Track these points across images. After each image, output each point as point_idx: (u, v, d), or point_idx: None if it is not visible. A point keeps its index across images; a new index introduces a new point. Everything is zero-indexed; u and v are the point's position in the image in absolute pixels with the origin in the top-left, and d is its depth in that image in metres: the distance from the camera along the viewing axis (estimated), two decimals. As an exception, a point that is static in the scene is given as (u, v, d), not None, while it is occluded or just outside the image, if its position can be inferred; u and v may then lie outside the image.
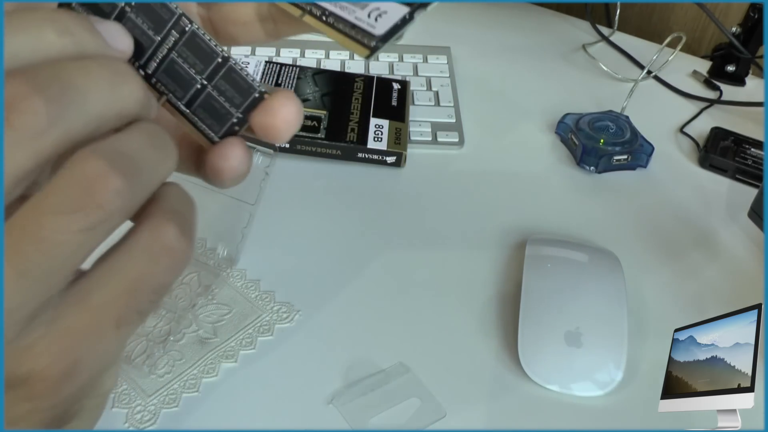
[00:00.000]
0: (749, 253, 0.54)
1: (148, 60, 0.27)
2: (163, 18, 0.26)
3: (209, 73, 0.27)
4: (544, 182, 0.59)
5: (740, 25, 0.73)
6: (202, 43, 0.27)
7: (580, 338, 0.43)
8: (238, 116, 0.27)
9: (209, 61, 0.27)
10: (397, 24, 0.28)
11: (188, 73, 0.27)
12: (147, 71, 0.27)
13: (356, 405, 0.41)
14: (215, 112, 0.28)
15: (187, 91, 0.27)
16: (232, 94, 0.27)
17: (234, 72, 0.27)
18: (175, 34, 0.27)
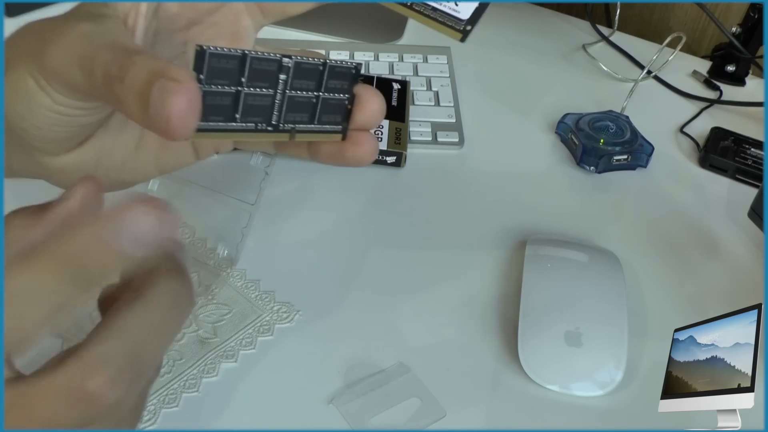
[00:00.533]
0: (749, 253, 0.54)
1: (270, 114, 0.30)
2: (270, 71, 0.28)
3: (317, 82, 0.30)
4: (544, 182, 0.59)
5: (740, 25, 0.73)
6: (305, 64, 0.29)
7: (580, 338, 0.43)
8: (348, 97, 0.31)
9: (314, 73, 0.30)
10: (479, 7, 0.31)
11: (305, 96, 0.30)
12: (272, 125, 0.30)
13: (356, 405, 0.41)
14: (333, 107, 0.31)
15: (308, 110, 0.31)
16: (338, 85, 0.31)
17: (332, 67, 0.30)
18: (283, 76, 0.29)
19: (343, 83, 0.31)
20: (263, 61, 0.28)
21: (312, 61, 0.29)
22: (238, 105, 0.28)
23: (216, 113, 0.28)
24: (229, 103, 0.28)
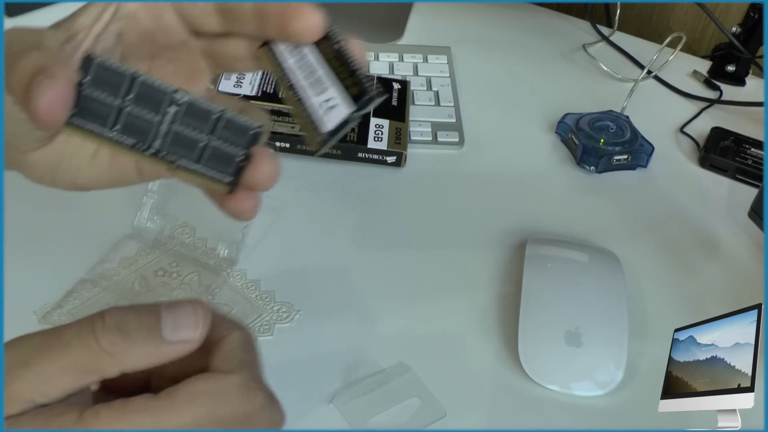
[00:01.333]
0: (749, 253, 0.54)
1: (152, 141, 0.31)
2: (158, 98, 0.30)
3: (211, 129, 0.31)
4: (544, 182, 0.59)
5: (740, 25, 0.73)
6: (199, 107, 0.31)
7: (580, 338, 0.43)
8: (243, 154, 0.32)
9: (207, 118, 0.31)
10: (343, 121, 0.31)
11: (192, 134, 0.31)
12: (152, 151, 0.31)
13: (356, 405, 0.41)
14: (221, 158, 0.32)
15: (194, 150, 0.31)
16: (234, 138, 0.31)
17: (230, 120, 0.31)
18: (173, 108, 0.31)
19: (239, 138, 0.32)
20: (152, 88, 0.30)
21: (207, 106, 0.31)
22: (118, 118, 0.30)
23: (94, 118, 0.30)
24: (109, 112, 0.30)
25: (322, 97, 0.32)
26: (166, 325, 0.29)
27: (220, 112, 0.31)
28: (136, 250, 0.49)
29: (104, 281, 0.47)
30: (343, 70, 0.32)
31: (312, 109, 0.32)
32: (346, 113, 0.32)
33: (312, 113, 0.32)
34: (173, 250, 0.49)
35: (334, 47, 0.32)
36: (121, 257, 0.48)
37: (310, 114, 0.32)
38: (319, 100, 0.32)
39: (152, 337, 0.29)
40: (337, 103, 0.32)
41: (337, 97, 0.32)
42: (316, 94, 0.32)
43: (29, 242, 0.49)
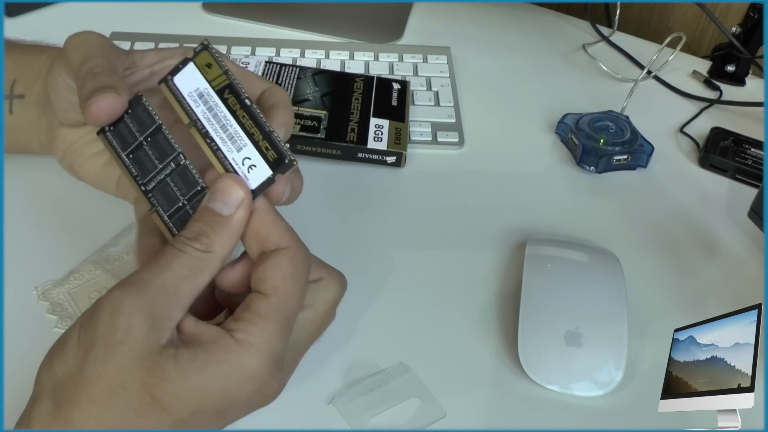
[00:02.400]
0: (749, 253, 0.54)
1: (149, 180, 0.37)
2: (166, 152, 0.36)
3: (190, 196, 0.36)
4: (544, 182, 0.59)
5: (740, 25, 0.73)
6: (190, 175, 0.36)
7: (580, 338, 0.43)
8: None
9: (191, 187, 0.36)
10: (265, 182, 0.35)
11: (175, 193, 0.36)
12: (145, 189, 0.37)
13: (356, 405, 0.41)
14: (185, 221, 0.35)
15: (171, 206, 0.36)
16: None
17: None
18: (172, 165, 0.36)
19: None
20: (166, 141, 0.36)
21: (195, 177, 0.36)
22: (135, 149, 0.37)
23: (120, 139, 0.38)
24: (132, 142, 0.37)
25: (241, 154, 0.35)
26: (219, 209, 0.34)
27: (202, 187, 0.36)
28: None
29: (107, 264, 0.47)
30: (256, 131, 0.35)
31: (235, 165, 0.35)
32: (267, 174, 0.35)
33: (235, 169, 0.35)
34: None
35: (244, 103, 0.34)
36: (127, 243, 0.49)
37: (234, 169, 0.35)
38: (239, 157, 0.35)
39: (221, 222, 0.34)
40: (256, 163, 0.35)
41: (256, 157, 0.35)
42: (234, 149, 0.35)
43: (39, 221, 0.50)
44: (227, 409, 0.32)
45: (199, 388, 0.31)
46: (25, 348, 0.36)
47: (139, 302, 0.31)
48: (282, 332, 0.33)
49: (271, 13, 0.76)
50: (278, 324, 0.33)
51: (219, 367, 0.31)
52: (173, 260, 0.33)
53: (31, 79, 0.46)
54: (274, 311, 0.33)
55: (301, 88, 0.62)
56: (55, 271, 0.46)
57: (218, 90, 0.35)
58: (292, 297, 0.34)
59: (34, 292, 0.45)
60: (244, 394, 0.32)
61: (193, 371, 0.31)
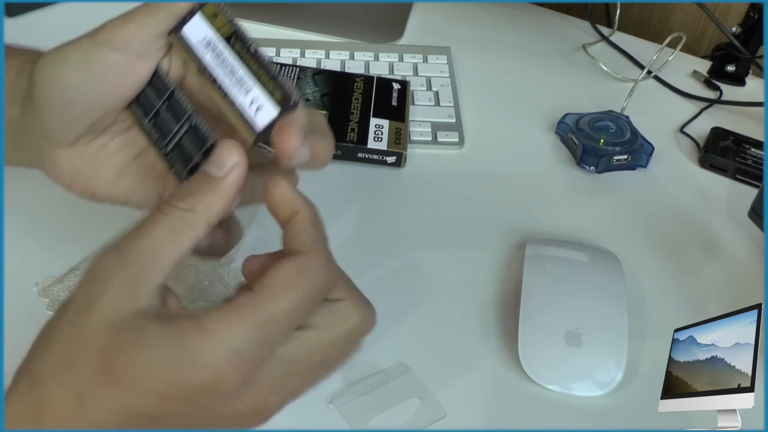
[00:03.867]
0: (749, 253, 0.54)
1: (168, 143, 0.38)
2: (180, 114, 0.38)
3: (204, 152, 0.37)
4: (544, 182, 0.59)
5: (740, 25, 0.73)
6: (200, 132, 0.37)
7: (580, 338, 0.43)
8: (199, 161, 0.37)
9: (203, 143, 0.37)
10: (272, 122, 0.35)
11: (189, 151, 0.37)
12: (166, 151, 0.38)
13: (356, 405, 0.41)
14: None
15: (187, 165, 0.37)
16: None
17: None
18: (187, 125, 0.38)
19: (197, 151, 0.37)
20: (179, 104, 0.38)
21: (205, 133, 0.37)
22: (154, 114, 0.39)
23: (142, 108, 0.39)
24: (149, 108, 0.39)
25: (248, 97, 0.36)
26: (212, 170, 0.33)
27: (212, 143, 0.36)
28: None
29: None
30: (262, 74, 0.36)
31: (241, 108, 0.36)
32: (273, 115, 0.35)
33: (242, 112, 0.36)
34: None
35: (250, 49, 0.36)
36: None
37: (241, 112, 0.36)
38: (247, 100, 0.36)
39: (210, 182, 0.33)
40: (262, 104, 0.35)
41: (262, 99, 0.35)
42: (242, 93, 0.36)
43: (40, 217, 0.50)
44: (177, 396, 0.29)
45: (149, 363, 0.29)
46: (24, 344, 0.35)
47: (115, 267, 0.30)
48: (253, 332, 0.30)
49: (271, 13, 0.76)
50: (250, 321, 0.30)
51: (172, 346, 0.29)
52: (155, 223, 0.31)
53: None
54: (251, 307, 0.30)
55: (301, 88, 0.62)
56: (55, 268, 0.46)
57: (225, 37, 0.37)
58: (281, 302, 0.31)
59: (35, 289, 0.45)
60: (193, 383, 0.29)
61: (148, 345, 0.29)
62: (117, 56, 0.37)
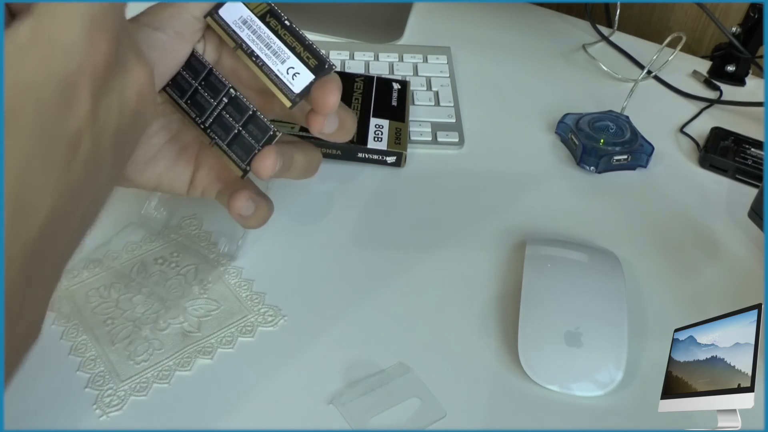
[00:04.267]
0: (749, 253, 0.54)
1: (207, 117, 0.42)
2: (218, 89, 0.41)
3: (244, 122, 0.41)
4: (544, 182, 0.59)
5: (740, 25, 0.73)
6: (241, 103, 0.41)
7: (580, 338, 0.43)
8: (259, 148, 0.41)
9: (244, 113, 0.41)
10: (308, 85, 0.40)
11: (230, 122, 0.41)
12: (205, 124, 0.42)
13: (356, 405, 0.41)
14: (244, 147, 0.41)
15: (228, 135, 0.41)
16: (256, 134, 0.41)
17: (258, 119, 0.41)
18: (225, 99, 0.41)
19: (259, 134, 0.41)
20: (218, 79, 0.41)
21: (246, 103, 0.41)
22: (192, 94, 0.41)
23: (178, 88, 0.42)
24: (187, 88, 0.41)
25: (285, 65, 0.40)
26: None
27: (253, 111, 0.41)
28: (142, 236, 0.49)
29: (106, 262, 0.47)
30: (297, 45, 0.40)
31: (280, 75, 0.40)
32: (311, 79, 0.40)
33: (280, 78, 0.40)
34: (177, 241, 0.49)
35: (284, 24, 0.40)
36: (126, 241, 0.49)
37: (279, 78, 0.40)
38: (284, 68, 0.40)
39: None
40: (299, 71, 0.40)
41: (299, 66, 0.40)
42: (279, 62, 0.40)
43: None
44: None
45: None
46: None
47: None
48: (86, 25, 0.28)
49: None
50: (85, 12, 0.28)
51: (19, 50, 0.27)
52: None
53: None
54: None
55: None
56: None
57: (260, 16, 0.40)
58: None
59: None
60: (63, 80, 0.27)
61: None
62: (159, 35, 0.39)
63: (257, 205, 0.43)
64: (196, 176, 0.44)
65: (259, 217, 0.43)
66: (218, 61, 0.42)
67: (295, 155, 0.42)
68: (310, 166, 0.45)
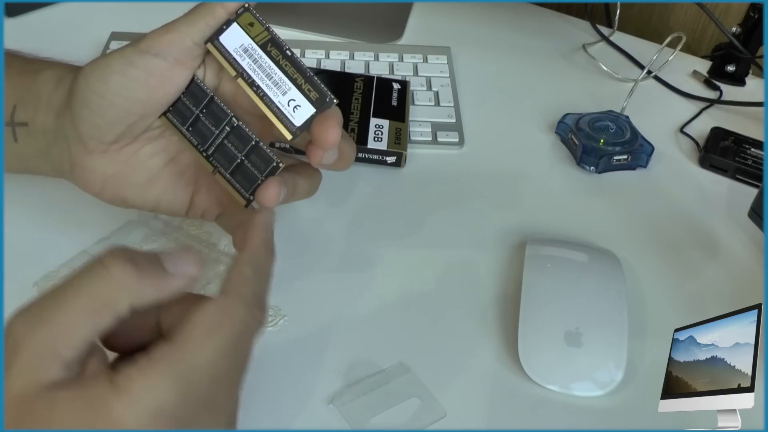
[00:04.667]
0: (749, 253, 0.54)
1: (209, 146, 0.41)
2: (220, 117, 0.41)
3: (246, 152, 0.41)
4: (544, 182, 0.59)
5: (740, 25, 0.73)
6: (243, 133, 0.41)
7: (580, 338, 0.43)
8: (262, 179, 0.40)
9: (247, 143, 0.41)
10: (309, 118, 0.39)
11: (233, 152, 0.41)
12: (207, 152, 0.41)
13: (356, 405, 0.41)
14: (247, 177, 0.41)
15: (231, 164, 0.41)
16: (259, 164, 0.40)
17: (261, 150, 0.40)
18: (227, 128, 0.41)
19: (262, 165, 0.40)
20: (219, 108, 0.41)
21: (248, 133, 0.40)
22: (193, 121, 0.41)
23: (179, 115, 0.41)
24: (190, 116, 0.41)
25: (286, 97, 0.40)
26: (168, 262, 0.31)
27: (256, 141, 0.40)
28: (143, 236, 0.49)
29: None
30: (298, 77, 0.40)
31: (281, 107, 0.39)
32: (312, 112, 0.39)
33: (281, 110, 0.39)
34: (177, 241, 0.49)
35: (286, 54, 0.40)
36: (127, 241, 0.49)
37: (280, 110, 0.39)
38: (285, 100, 0.39)
39: (158, 270, 0.30)
40: (300, 103, 0.39)
41: (300, 98, 0.40)
42: (280, 93, 0.40)
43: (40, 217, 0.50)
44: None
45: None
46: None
47: (25, 337, 0.28)
48: (175, 385, 0.28)
49: (271, 14, 0.76)
50: (170, 375, 0.28)
51: (87, 415, 0.27)
52: (79, 289, 0.28)
53: (31, 105, 0.43)
54: (169, 359, 0.28)
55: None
56: (52, 264, 0.46)
57: (261, 44, 0.40)
58: (200, 349, 0.29)
59: (35, 288, 0.45)
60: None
61: (60, 418, 0.27)
62: (158, 62, 0.39)
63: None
64: (195, 199, 0.44)
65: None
66: (218, 87, 0.42)
67: (299, 181, 0.42)
68: (312, 188, 0.45)
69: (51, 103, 0.42)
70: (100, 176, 0.42)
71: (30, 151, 0.44)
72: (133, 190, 0.43)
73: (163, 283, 0.30)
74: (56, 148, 0.43)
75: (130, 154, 0.42)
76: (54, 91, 0.42)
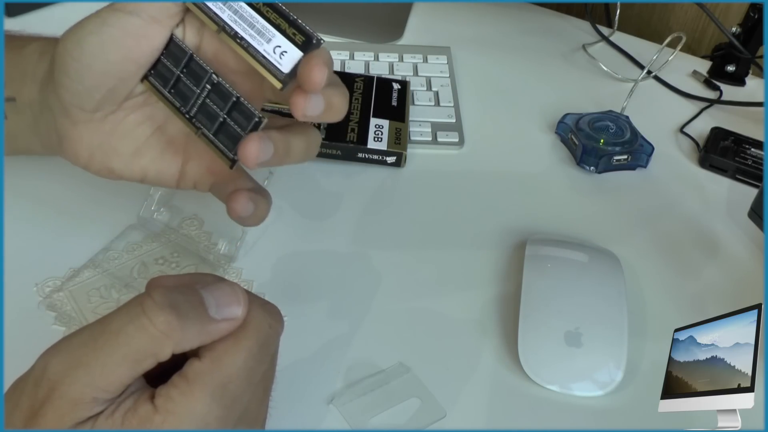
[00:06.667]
0: (749, 253, 0.54)
1: (191, 107, 0.40)
2: (200, 75, 0.39)
3: (228, 109, 0.39)
4: (544, 182, 0.59)
5: (740, 25, 0.73)
6: (224, 89, 0.39)
7: (580, 338, 0.43)
8: (244, 136, 0.38)
9: (228, 100, 0.39)
10: (298, 63, 0.37)
11: (215, 110, 0.39)
12: (190, 114, 0.40)
13: (356, 405, 0.41)
14: (230, 136, 0.39)
15: (214, 123, 0.39)
16: (241, 121, 0.38)
17: (242, 105, 0.38)
18: (208, 86, 0.39)
19: (244, 121, 0.38)
20: (199, 66, 0.39)
21: (229, 89, 0.39)
22: (174, 82, 0.40)
23: (161, 78, 0.40)
24: (169, 76, 0.40)
25: (270, 44, 0.37)
26: (210, 305, 0.30)
27: (237, 97, 0.38)
28: (143, 236, 0.49)
29: (106, 263, 0.47)
30: (282, 22, 0.37)
31: (267, 55, 0.37)
32: (299, 56, 0.37)
33: (268, 58, 0.37)
34: (177, 242, 0.49)
35: (266, 0, 0.38)
36: (127, 242, 0.49)
37: (266, 59, 0.37)
38: (270, 48, 0.37)
39: (202, 317, 0.29)
40: (287, 49, 0.37)
41: (285, 44, 0.37)
42: (265, 42, 0.37)
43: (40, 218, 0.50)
44: None
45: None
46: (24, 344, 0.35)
47: (62, 377, 0.27)
48: (215, 396, 0.29)
49: (271, 13, 0.76)
50: (208, 388, 0.29)
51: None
52: (119, 333, 0.28)
53: (17, 79, 0.42)
54: (204, 375, 0.29)
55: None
56: (56, 269, 0.46)
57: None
58: (233, 358, 0.30)
59: (34, 289, 0.45)
60: None
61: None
62: (133, 20, 0.38)
63: (256, 205, 0.40)
64: (186, 168, 0.43)
65: (259, 216, 0.41)
66: (200, 46, 0.40)
67: (292, 140, 0.39)
68: (310, 148, 0.41)
69: (35, 76, 0.41)
70: (86, 147, 0.41)
71: (20, 127, 0.43)
72: (120, 160, 0.42)
73: (208, 330, 0.30)
74: (43, 121, 0.42)
75: (115, 123, 0.41)
76: (38, 63, 0.41)
